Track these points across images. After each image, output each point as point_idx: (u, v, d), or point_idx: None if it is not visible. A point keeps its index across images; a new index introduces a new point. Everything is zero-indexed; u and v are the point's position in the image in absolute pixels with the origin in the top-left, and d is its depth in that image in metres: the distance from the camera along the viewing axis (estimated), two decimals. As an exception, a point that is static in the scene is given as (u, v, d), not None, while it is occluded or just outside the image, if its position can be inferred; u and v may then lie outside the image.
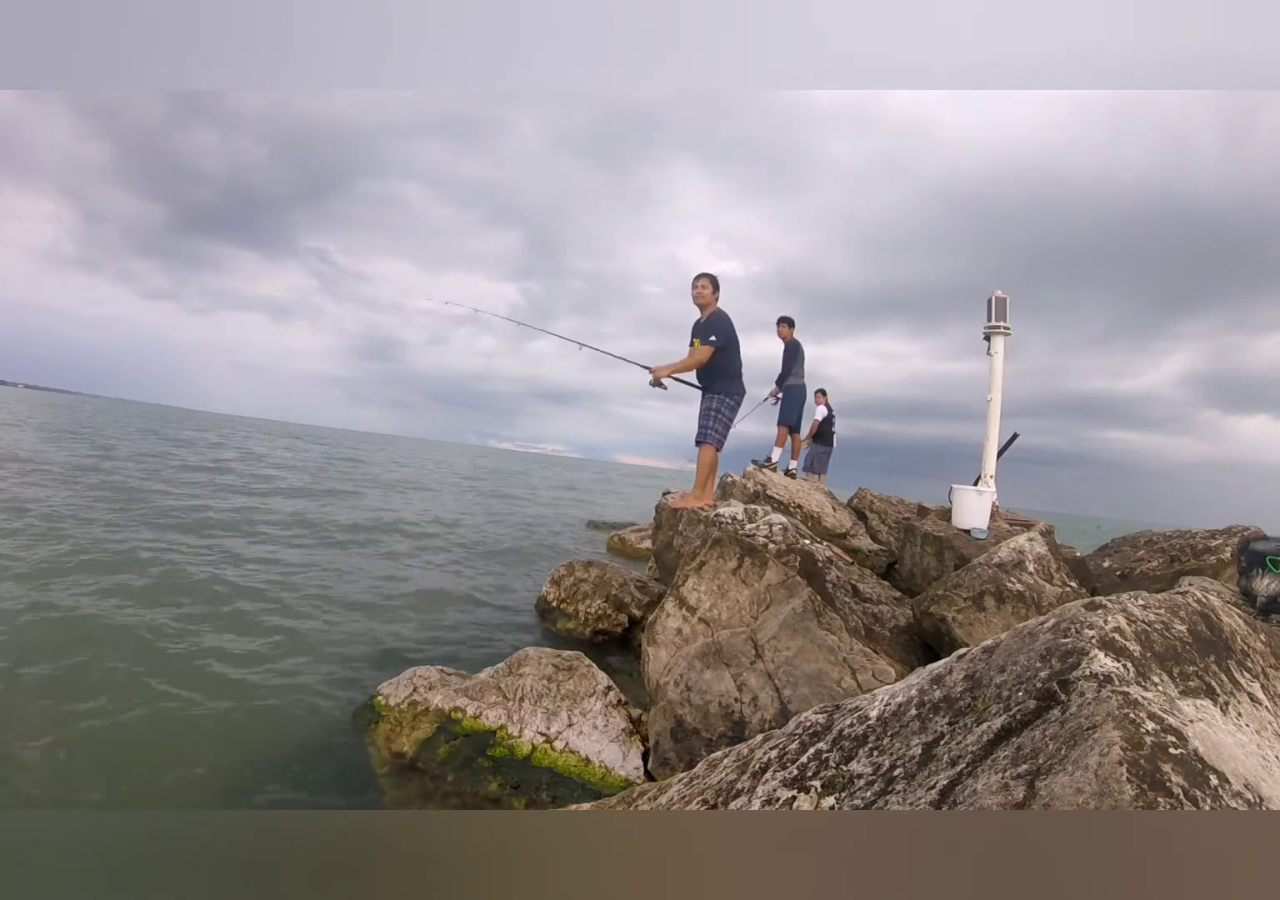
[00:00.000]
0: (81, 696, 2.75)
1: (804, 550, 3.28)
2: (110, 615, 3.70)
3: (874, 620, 2.92)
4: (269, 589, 4.63)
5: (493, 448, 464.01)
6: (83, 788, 2.19)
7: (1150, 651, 1.13)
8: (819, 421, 8.87)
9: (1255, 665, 1.32)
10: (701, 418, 4.73)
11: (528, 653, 3.00)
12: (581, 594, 4.56)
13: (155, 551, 5.17)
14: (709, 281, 4.69)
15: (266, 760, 2.49)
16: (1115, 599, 1.30)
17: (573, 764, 2.46)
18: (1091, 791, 0.80)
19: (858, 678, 2.31)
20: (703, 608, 2.71)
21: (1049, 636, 1.20)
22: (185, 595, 4.22)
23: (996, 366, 5.97)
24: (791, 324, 7.39)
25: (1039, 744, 0.95)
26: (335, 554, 6.08)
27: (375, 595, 4.90)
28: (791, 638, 2.46)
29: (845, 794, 1.14)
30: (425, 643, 4.01)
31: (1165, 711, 0.93)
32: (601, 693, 2.80)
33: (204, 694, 2.91)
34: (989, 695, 1.16)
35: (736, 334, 4.71)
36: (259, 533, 6.54)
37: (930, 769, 1.06)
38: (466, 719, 2.62)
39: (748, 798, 1.29)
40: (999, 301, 5.97)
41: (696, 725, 2.34)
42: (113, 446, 14.41)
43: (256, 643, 3.61)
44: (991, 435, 6.02)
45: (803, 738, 1.41)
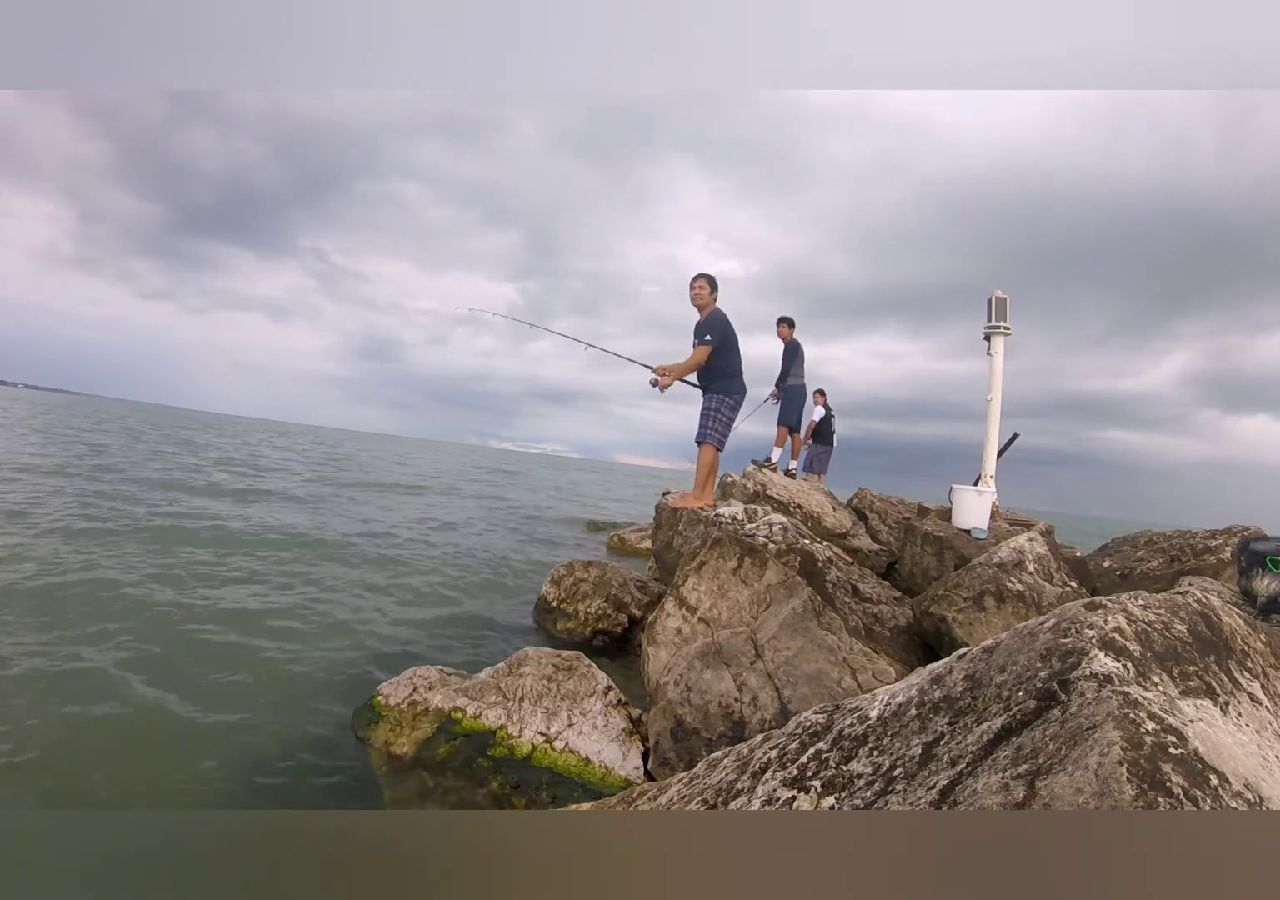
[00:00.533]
0: (81, 696, 2.75)
1: (804, 550, 3.28)
2: (110, 616, 3.70)
3: (874, 620, 2.92)
4: (268, 589, 4.63)
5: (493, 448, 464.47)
6: (82, 788, 2.19)
7: (1150, 651, 1.13)
8: (816, 421, 8.90)
9: (1255, 665, 1.32)
10: (702, 417, 4.74)
11: (528, 653, 3.00)
12: (581, 594, 4.56)
13: (155, 553, 5.17)
14: (706, 282, 4.70)
15: (266, 760, 2.49)
16: (1115, 599, 1.30)
17: (573, 764, 2.46)
18: (1091, 791, 0.80)
19: (858, 678, 2.31)
20: (703, 608, 2.71)
21: (1049, 636, 1.20)
22: (184, 595, 4.23)
23: (996, 366, 5.98)
24: (791, 324, 7.39)
25: (1039, 744, 0.95)
26: (334, 554, 6.08)
27: (374, 595, 4.90)
28: (791, 638, 2.46)
29: (845, 794, 1.14)
30: (425, 643, 4.01)
31: (1165, 711, 0.93)
32: (601, 693, 2.80)
33: (204, 694, 2.91)
34: (989, 695, 1.16)
35: (735, 333, 4.72)
36: (259, 534, 6.53)
37: (930, 769, 1.06)
38: (466, 719, 2.62)
39: (748, 798, 1.29)
40: (999, 301, 5.97)
41: (696, 725, 2.34)
42: (106, 447, 14.42)
43: (256, 643, 3.60)
44: (991, 435, 6.03)
45: (803, 738, 1.41)
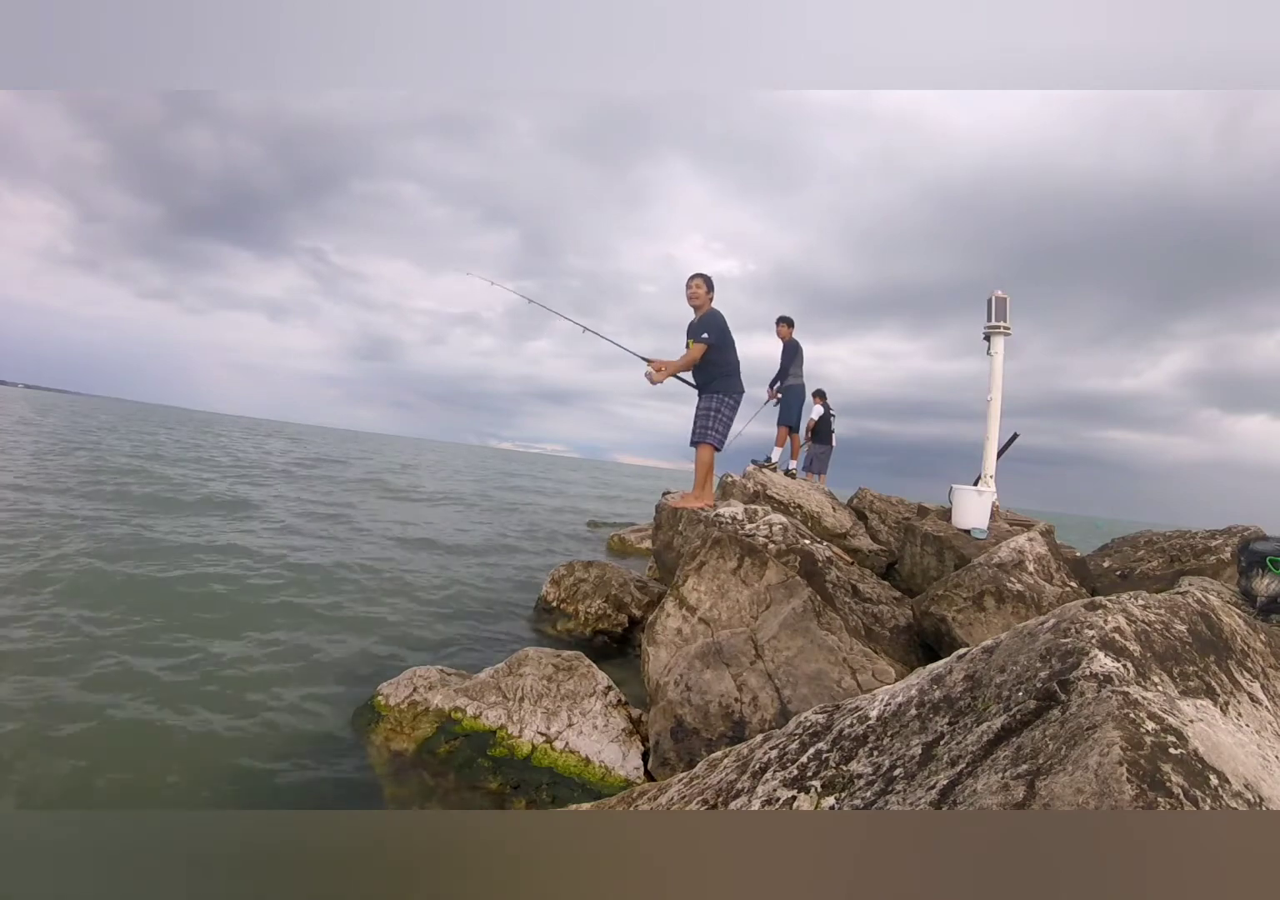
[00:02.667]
0: (80, 696, 2.75)
1: (804, 550, 3.28)
2: (110, 614, 3.70)
3: (874, 620, 2.92)
4: (267, 589, 4.63)
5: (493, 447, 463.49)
6: (82, 787, 2.19)
7: (1150, 651, 1.13)
8: (815, 421, 8.90)
9: (1255, 665, 1.32)
10: (700, 418, 4.74)
11: (528, 653, 3.00)
12: (581, 594, 4.56)
13: (154, 551, 5.17)
14: (703, 281, 4.72)
15: (266, 760, 2.49)
16: (1115, 599, 1.30)
17: (573, 764, 2.46)
18: (1091, 791, 0.80)
19: (858, 678, 2.31)
20: (703, 608, 2.71)
21: (1049, 636, 1.20)
22: (183, 596, 4.23)
23: (996, 366, 5.98)
24: (790, 324, 7.39)
25: (1039, 744, 0.95)
26: (333, 553, 6.08)
27: (374, 595, 4.90)
28: (791, 638, 2.46)
29: (845, 794, 1.14)
30: (425, 643, 4.01)
31: (1165, 711, 0.93)
32: (601, 693, 2.80)
33: (203, 695, 2.91)
34: (989, 695, 1.16)
35: (730, 333, 4.72)
36: (258, 533, 6.54)
37: (930, 769, 1.06)
38: (466, 719, 2.62)
39: (748, 798, 1.29)
40: (999, 301, 5.98)
41: (696, 725, 2.34)
42: (99, 442, 14.42)
43: (256, 643, 3.60)
44: (991, 435, 6.03)
45: (803, 738, 1.41)
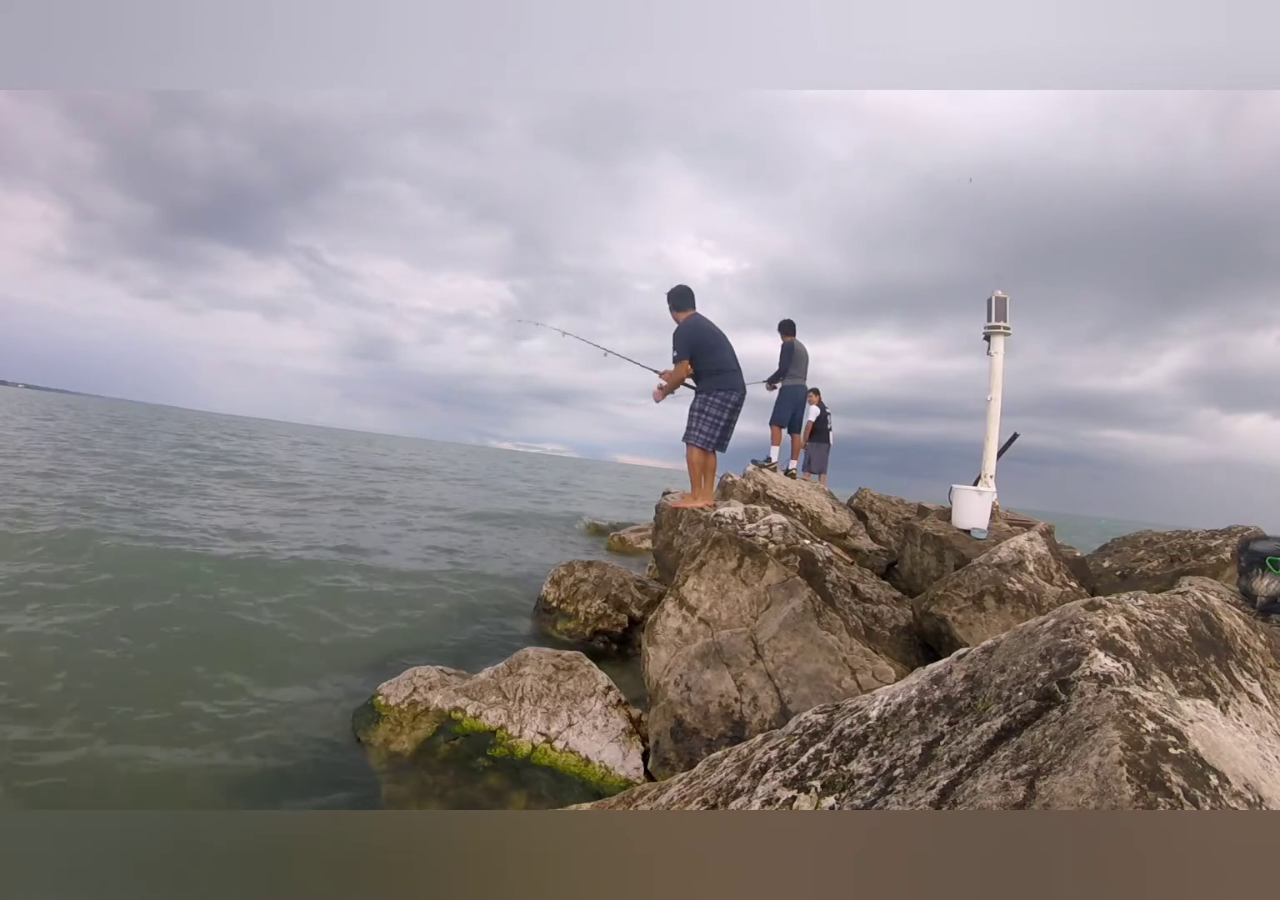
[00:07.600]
0: (80, 695, 2.74)
1: (804, 550, 3.28)
2: (109, 614, 3.70)
3: (874, 620, 2.92)
4: (267, 589, 4.63)
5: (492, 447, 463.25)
6: (82, 787, 2.19)
7: (1150, 651, 1.13)
8: (812, 422, 8.89)
9: (1255, 665, 1.32)
10: (688, 418, 4.80)
11: (528, 653, 3.00)
12: (581, 594, 4.56)
13: (153, 550, 5.16)
14: (669, 299, 4.88)
15: (266, 760, 2.49)
16: (1115, 599, 1.30)
17: (573, 764, 2.46)
18: (1091, 791, 0.80)
19: (858, 678, 2.31)
20: (703, 608, 2.71)
21: (1049, 636, 1.20)
22: (183, 595, 4.22)
23: (996, 366, 5.98)
24: (788, 331, 7.38)
25: (1039, 744, 0.95)
26: (333, 554, 6.08)
27: (374, 594, 4.90)
28: (791, 638, 2.46)
29: (845, 794, 1.14)
30: (425, 643, 4.00)
31: (1165, 711, 0.93)
32: (601, 693, 2.79)
33: (203, 695, 2.91)
34: (989, 695, 1.16)
35: (711, 334, 4.77)
36: (258, 534, 6.53)
37: (930, 769, 1.06)
38: (466, 719, 2.62)
39: (748, 798, 1.29)
40: (999, 301, 5.98)
41: (696, 725, 2.34)
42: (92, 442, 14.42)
43: (256, 643, 3.60)
44: (991, 435, 6.03)
45: (803, 738, 1.41)
